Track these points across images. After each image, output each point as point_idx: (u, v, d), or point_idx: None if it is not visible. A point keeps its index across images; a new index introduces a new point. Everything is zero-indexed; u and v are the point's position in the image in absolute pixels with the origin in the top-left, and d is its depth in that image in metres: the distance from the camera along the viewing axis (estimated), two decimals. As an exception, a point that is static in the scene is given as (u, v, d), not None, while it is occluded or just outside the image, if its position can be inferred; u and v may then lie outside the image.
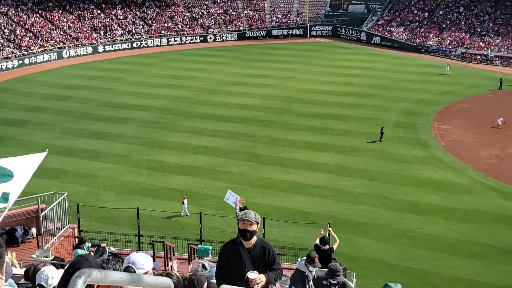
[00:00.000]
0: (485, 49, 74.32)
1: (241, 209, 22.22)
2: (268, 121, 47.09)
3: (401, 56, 74.21)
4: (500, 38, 76.10)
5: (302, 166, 38.08)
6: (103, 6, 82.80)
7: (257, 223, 6.87)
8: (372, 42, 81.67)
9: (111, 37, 77.71)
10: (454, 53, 74.92)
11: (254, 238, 6.91)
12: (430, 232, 29.67)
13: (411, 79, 60.97)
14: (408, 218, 31.17)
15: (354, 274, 19.06)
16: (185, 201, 31.06)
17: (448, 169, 38.14)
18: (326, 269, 11.17)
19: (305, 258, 13.32)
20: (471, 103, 53.64)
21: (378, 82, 59.77)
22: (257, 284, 6.25)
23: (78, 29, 76.97)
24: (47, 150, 22.32)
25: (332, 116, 48.26)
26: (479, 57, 73.26)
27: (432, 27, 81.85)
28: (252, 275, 6.23)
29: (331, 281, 10.38)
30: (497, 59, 72.20)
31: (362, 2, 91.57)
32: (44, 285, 6.36)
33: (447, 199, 33.41)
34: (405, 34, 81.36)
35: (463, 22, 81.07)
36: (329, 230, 18.60)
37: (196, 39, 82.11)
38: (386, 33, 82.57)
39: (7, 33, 71.23)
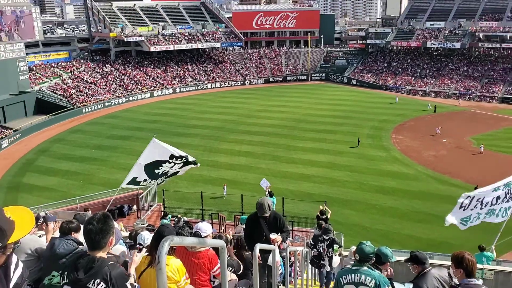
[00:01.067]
0: (424, 86, 73.21)
1: (269, 193, 21.93)
2: (284, 134, 46.82)
3: (369, 92, 73.34)
4: (434, 79, 74.86)
5: (307, 163, 37.81)
6: (179, 63, 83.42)
7: (270, 209, 6.61)
8: (351, 83, 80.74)
9: (184, 82, 78.21)
10: (404, 89, 73.74)
11: (270, 212, 6.69)
12: (391, 206, 29.34)
13: (376, 107, 60.22)
14: (376, 196, 30.80)
15: (343, 234, 18.64)
16: (225, 187, 31.07)
17: (402, 165, 37.61)
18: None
19: (316, 226, 13.33)
20: (416, 121, 52.82)
21: (355, 108, 59.08)
22: (277, 242, 6.20)
23: (163, 78, 77.62)
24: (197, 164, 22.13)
25: (325, 130, 47.80)
26: (420, 92, 71.98)
27: (389, 73, 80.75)
28: (273, 236, 6.22)
29: (324, 237, 10.08)
30: (432, 93, 70.93)
31: (344, 58, 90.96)
32: (142, 243, 6.37)
33: (402, 184, 32.97)
34: (372, 78, 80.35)
35: (409, 69, 79.83)
36: (323, 205, 18.46)
37: (238, 83, 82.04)
38: (359, 77, 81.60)
39: (118, 81, 72.18)
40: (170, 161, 17.59)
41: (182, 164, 18.15)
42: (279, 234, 6.43)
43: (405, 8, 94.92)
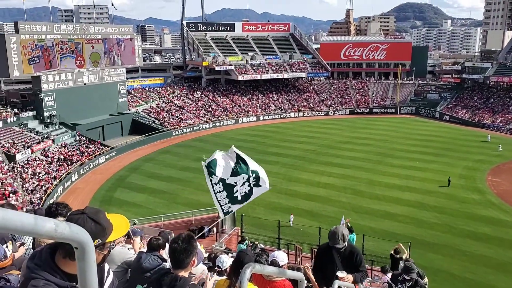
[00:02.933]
0: (529, 126, 67.37)
1: (349, 229, 21.28)
2: (368, 168, 45.40)
3: (464, 129, 69.03)
4: (541, 118, 68.68)
5: (391, 200, 36.20)
6: (264, 92, 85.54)
7: (344, 240, 5.75)
8: (443, 119, 76.72)
9: (268, 111, 79.79)
10: (504, 128, 68.40)
11: (345, 244, 5.82)
12: (484, 254, 26.89)
13: (471, 145, 56.28)
14: (467, 242, 28.47)
15: (427, 280, 17.44)
16: (292, 216, 30.84)
17: (499, 210, 34.51)
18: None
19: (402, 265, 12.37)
20: (517, 164, 48.43)
21: (447, 146, 55.83)
22: (345, 282, 5.42)
23: (249, 105, 79.92)
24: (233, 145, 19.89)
25: (413, 167, 45.62)
26: (523, 131, 66.36)
27: (487, 109, 75.63)
28: (341, 274, 5.41)
29: (405, 276, 8.65)
30: (538, 133, 65.00)
31: (436, 92, 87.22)
32: (221, 266, 6.42)
33: (498, 231, 30.16)
34: (467, 114, 75.77)
35: (511, 107, 74.10)
36: (399, 245, 17.41)
37: (321, 113, 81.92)
38: (453, 113, 77.35)
39: (207, 107, 75.63)
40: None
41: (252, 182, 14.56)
42: (354, 274, 5.66)
43: (509, 41, 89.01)
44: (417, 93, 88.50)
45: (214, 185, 14.49)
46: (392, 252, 16.29)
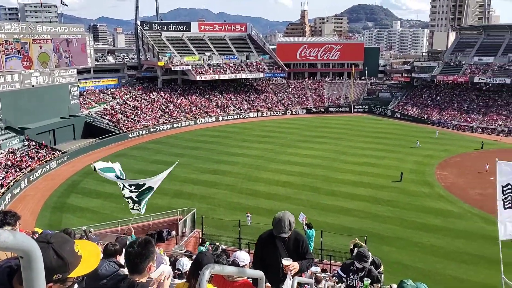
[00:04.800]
0: (471, 122, 71.16)
1: (307, 225, 21.60)
2: (325, 166, 46.33)
3: (413, 126, 71.82)
4: (481, 115, 72.64)
5: (347, 196, 37.11)
6: (223, 92, 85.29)
7: (291, 228, 5.19)
8: (395, 116, 79.59)
9: (227, 111, 79.63)
10: (449, 124, 71.79)
11: (289, 232, 5.25)
12: (434, 244, 28.28)
13: (420, 141, 58.20)
14: (418, 234, 29.77)
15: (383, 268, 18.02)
16: (249, 215, 31.18)
17: (447, 202, 36.25)
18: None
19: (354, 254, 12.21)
20: (462, 158, 51.04)
21: (398, 142, 57.92)
22: (290, 270, 4.91)
23: (207, 106, 79.42)
24: (178, 160, 22.74)
25: (367, 163, 46.96)
26: (467, 127, 69.89)
27: (434, 107, 79.08)
28: (286, 262, 4.91)
29: (357, 265, 7.58)
30: (479, 129, 68.73)
31: (388, 91, 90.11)
32: (181, 269, 6.35)
33: (446, 222, 31.73)
34: (417, 111, 78.87)
35: (456, 104, 77.87)
36: (355, 239, 17.79)
37: (279, 113, 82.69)
38: (404, 111, 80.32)
39: (164, 108, 74.46)
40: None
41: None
42: (300, 261, 5.15)
43: (452, 42, 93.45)
44: (370, 92, 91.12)
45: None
46: (351, 246, 16.47)
